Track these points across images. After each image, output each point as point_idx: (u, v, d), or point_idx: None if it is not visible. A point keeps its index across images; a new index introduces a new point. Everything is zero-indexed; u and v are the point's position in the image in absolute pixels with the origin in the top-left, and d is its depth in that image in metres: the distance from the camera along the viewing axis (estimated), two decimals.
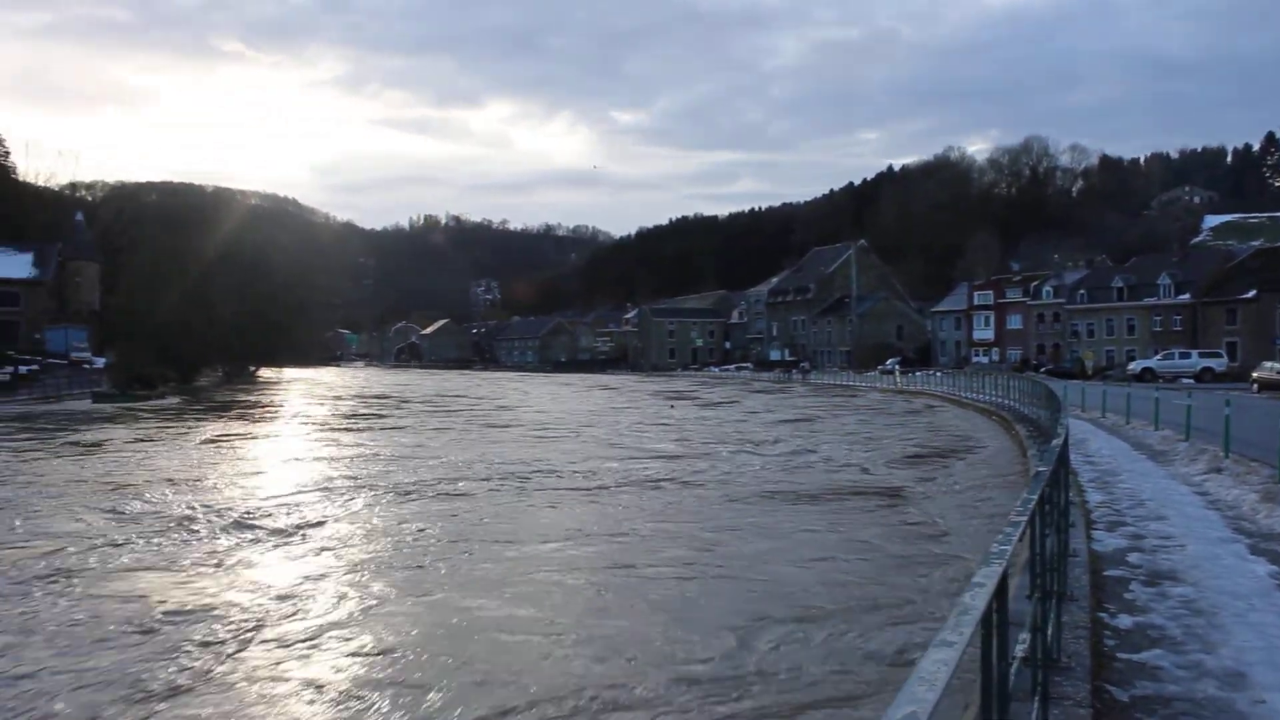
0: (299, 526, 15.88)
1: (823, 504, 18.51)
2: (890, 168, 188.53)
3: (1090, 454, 19.74)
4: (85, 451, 28.60)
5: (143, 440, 32.28)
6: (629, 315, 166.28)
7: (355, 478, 22.32)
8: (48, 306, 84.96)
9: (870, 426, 37.69)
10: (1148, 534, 11.02)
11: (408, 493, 19.92)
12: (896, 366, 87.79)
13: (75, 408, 52.94)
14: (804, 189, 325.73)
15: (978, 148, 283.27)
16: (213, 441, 31.99)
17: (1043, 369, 78.38)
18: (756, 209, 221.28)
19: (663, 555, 13.79)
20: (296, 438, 34.65)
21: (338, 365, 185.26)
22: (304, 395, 71.92)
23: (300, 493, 19.94)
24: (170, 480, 21.71)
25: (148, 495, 19.42)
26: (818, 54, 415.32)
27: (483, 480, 21.83)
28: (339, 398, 68.09)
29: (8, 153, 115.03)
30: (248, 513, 17.25)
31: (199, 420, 43.21)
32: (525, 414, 47.31)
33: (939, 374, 71.63)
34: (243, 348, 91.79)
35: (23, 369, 68.23)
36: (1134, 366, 67.86)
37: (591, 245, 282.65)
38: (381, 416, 46.63)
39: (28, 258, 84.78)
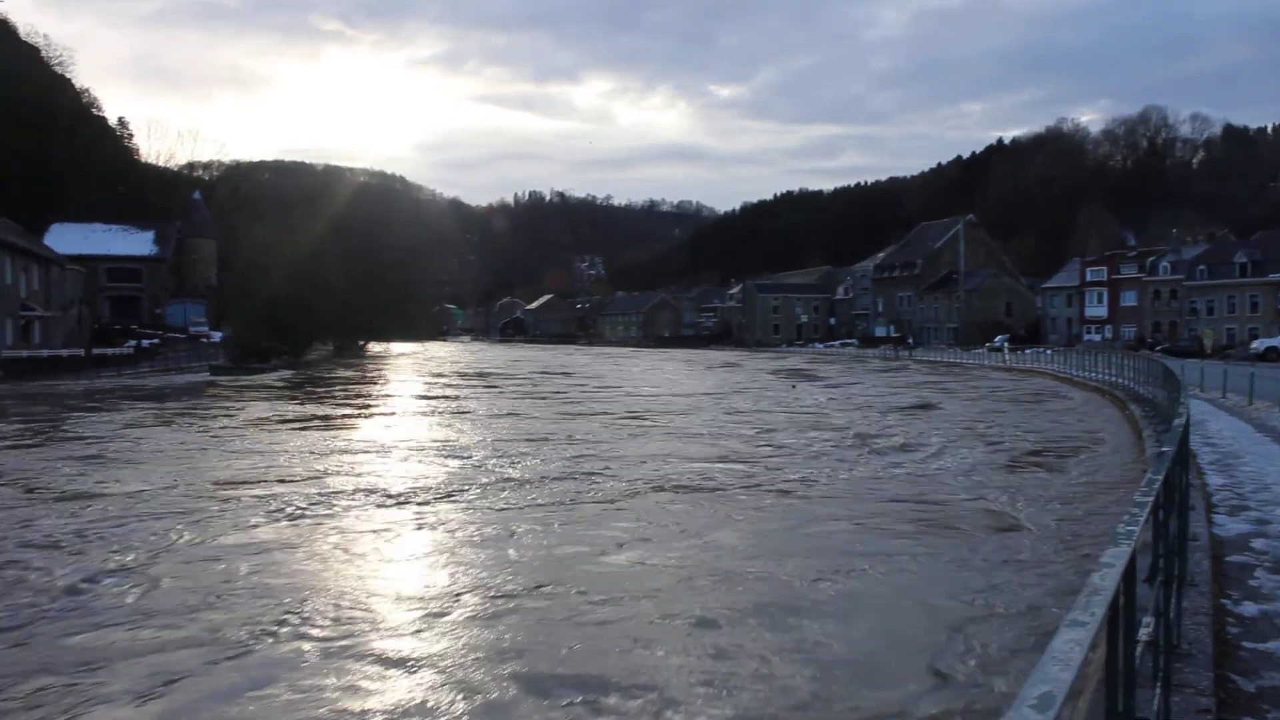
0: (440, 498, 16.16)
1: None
2: (1000, 140, 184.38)
3: (1210, 435, 19.09)
4: (234, 431, 29.43)
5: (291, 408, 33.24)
6: (733, 291, 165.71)
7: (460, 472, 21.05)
8: (168, 283, 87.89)
9: (1005, 415, 32.45)
10: (1274, 519, 10.60)
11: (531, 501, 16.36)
12: (1005, 344, 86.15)
13: (194, 380, 54.78)
14: (910, 163, 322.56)
15: (1089, 118, 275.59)
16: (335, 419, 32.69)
17: (1158, 347, 76.13)
18: (863, 183, 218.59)
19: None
20: (408, 415, 35.14)
21: (444, 340, 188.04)
22: (411, 370, 73.14)
23: (418, 480, 20.26)
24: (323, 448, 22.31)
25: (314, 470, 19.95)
26: (918, 23, 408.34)
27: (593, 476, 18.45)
28: (438, 374, 68.93)
29: (131, 135, 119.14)
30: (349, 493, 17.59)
31: (317, 395, 44.30)
32: (645, 400, 40.48)
33: (1049, 352, 70.11)
34: (352, 322, 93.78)
35: (145, 343, 70.74)
36: (1257, 345, 65.52)
37: (695, 220, 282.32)
38: (494, 392, 47.02)
39: (149, 236, 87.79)
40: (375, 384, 54.75)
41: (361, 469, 19.63)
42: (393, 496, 16.23)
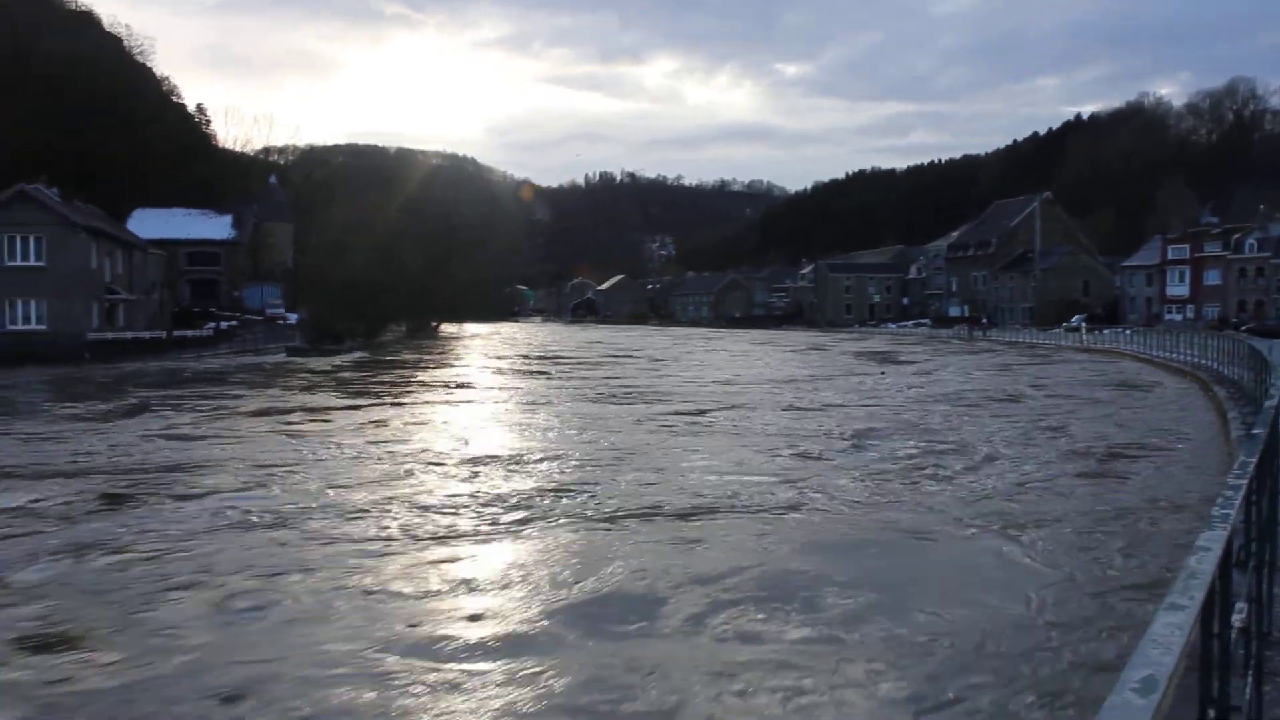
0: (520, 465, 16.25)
1: None
2: (1078, 116, 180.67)
3: None
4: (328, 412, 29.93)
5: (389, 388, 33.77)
6: (804, 270, 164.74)
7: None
8: (245, 265, 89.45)
9: (1113, 407, 28.75)
10: None
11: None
12: (1082, 324, 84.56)
13: (271, 360, 55.84)
14: (982, 140, 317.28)
15: (1167, 92, 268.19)
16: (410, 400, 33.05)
17: (1244, 327, 74.16)
18: (936, 161, 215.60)
19: None
20: (482, 403, 35.34)
21: (516, 320, 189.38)
22: (482, 352, 73.71)
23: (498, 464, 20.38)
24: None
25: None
26: None
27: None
28: (506, 356, 69.35)
29: (209, 121, 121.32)
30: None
31: (392, 375, 44.88)
32: (729, 389, 35.36)
33: (1128, 332, 68.70)
34: (425, 303, 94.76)
35: (223, 325, 72.16)
36: None
37: (766, 200, 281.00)
38: (564, 378, 47.11)
39: (227, 220, 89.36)
40: (447, 367, 55.20)
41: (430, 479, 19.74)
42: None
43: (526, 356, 61.99)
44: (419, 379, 42.69)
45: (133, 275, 67.08)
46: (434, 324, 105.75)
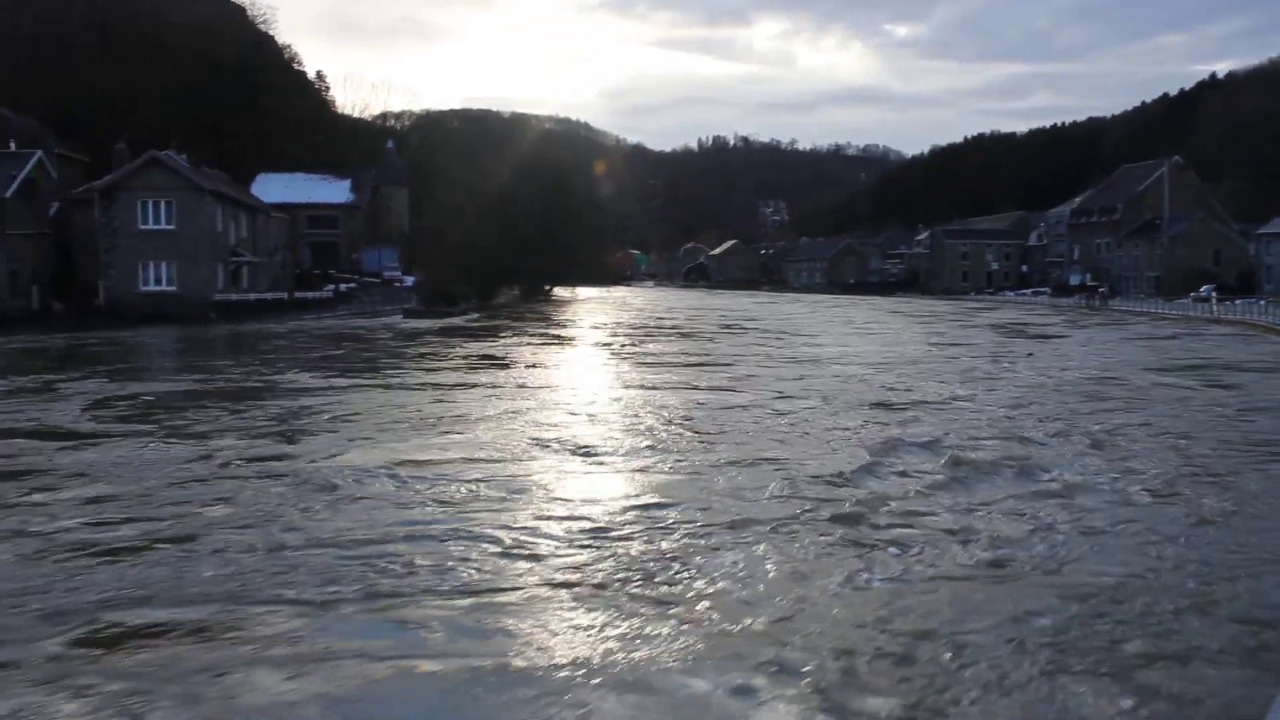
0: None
1: None
2: (1213, 75, 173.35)
3: None
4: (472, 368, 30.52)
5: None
6: (920, 237, 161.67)
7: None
8: (363, 229, 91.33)
9: None
10: None
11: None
12: (1213, 294, 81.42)
13: (389, 322, 56.99)
14: (1108, 101, 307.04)
15: None
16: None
17: None
18: (1059, 124, 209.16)
19: None
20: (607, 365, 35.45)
21: (628, 285, 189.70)
22: (594, 314, 73.92)
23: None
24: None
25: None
26: None
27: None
28: (615, 323, 69.37)
29: (328, 88, 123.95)
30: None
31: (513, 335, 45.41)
32: (866, 372, 27.59)
33: (1262, 302, 65.96)
34: (538, 267, 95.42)
35: (342, 287, 73.83)
36: None
37: (882, 164, 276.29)
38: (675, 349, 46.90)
39: (346, 184, 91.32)
40: (563, 328, 55.55)
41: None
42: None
43: (629, 326, 61.58)
44: (539, 339, 43.07)
45: (256, 238, 68.97)
46: (546, 287, 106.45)
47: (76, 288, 58.88)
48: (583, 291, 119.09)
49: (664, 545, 9.86)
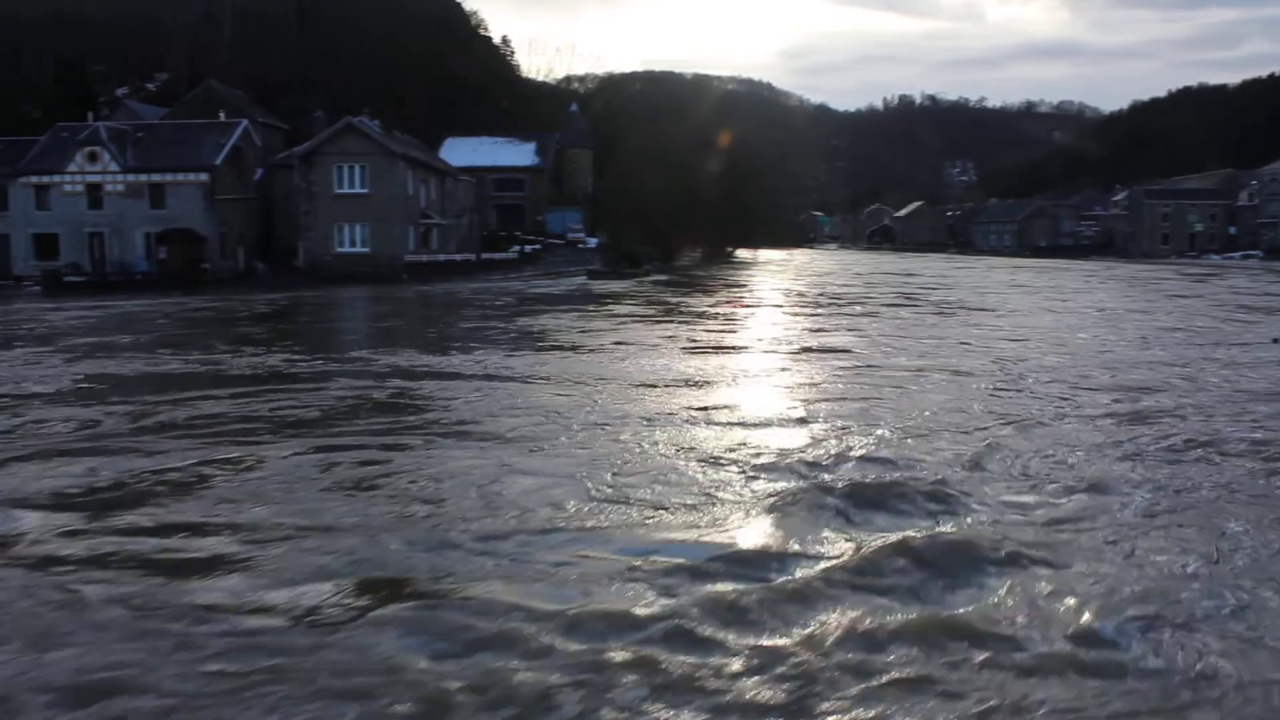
0: None
1: None
2: None
3: None
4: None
5: None
6: (1117, 197, 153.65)
7: None
8: (548, 191, 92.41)
9: None
10: None
11: None
12: None
13: (574, 282, 57.48)
14: None
15: None
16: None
17: None
18: (1277, 74, 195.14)
19: None
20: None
21: (810, 247, 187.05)
22: (780, 276, 73.03)
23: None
24: None
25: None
26: None
27: None
28: (790, 293, 68.21)
29: (513, 52, 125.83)
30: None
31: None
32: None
33: None
34: (721, 229, 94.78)
35: (527, 248, 74.93)
36: None
37: (1077, 122, 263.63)
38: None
39: (531, 147, 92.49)
40: (750, 290, 54.98)
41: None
42: None
43: (821, 294, 60.40)
44: (730, 301, 42.74)
45: (445, 201, 70.48)
46: (728, 249, 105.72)
47: (276, 249, 61.50)
48: (764, 254, 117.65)
49: None
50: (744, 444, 11.66)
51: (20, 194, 58.44)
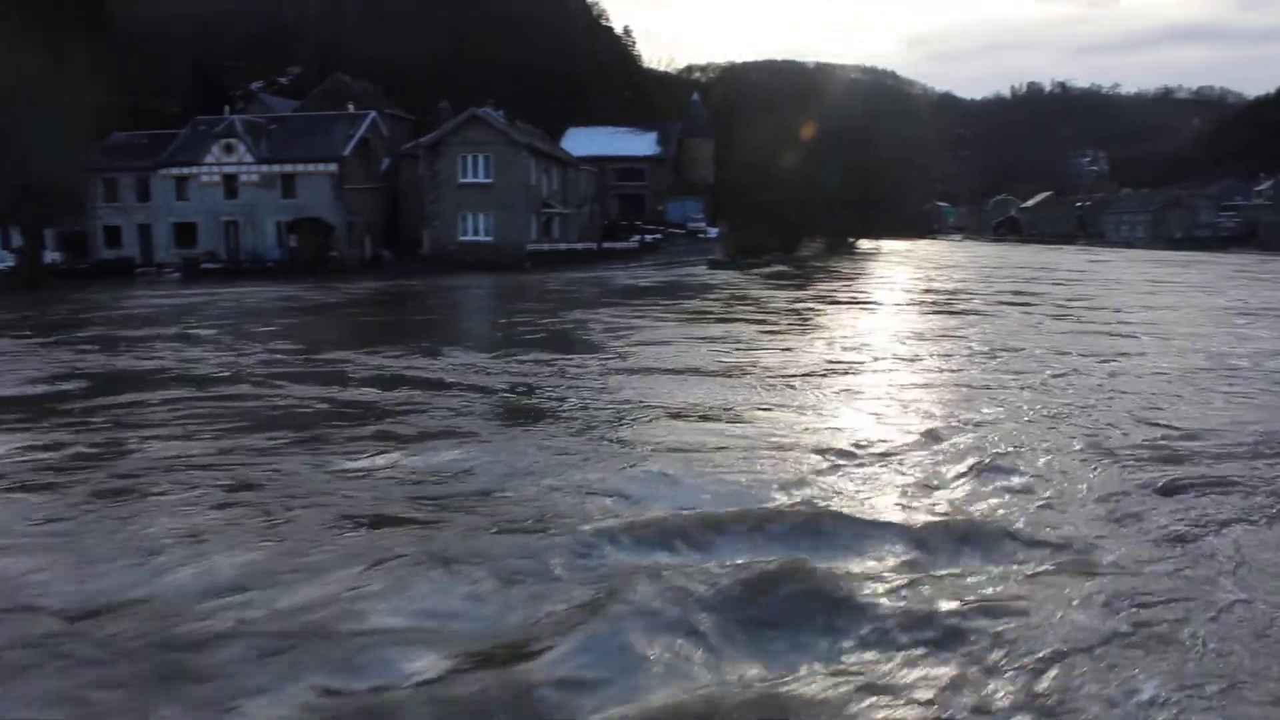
0: None
1: None
2: None
3: None
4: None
5: None
6: (1261, 187, 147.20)
7: None
8: (668, 181, 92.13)
9: None
10: None
11: None
12: None
13: (696, 272, 57.16)
14: None
15: None
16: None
17: None
18: None
19: None
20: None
21: (934, 238, 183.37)
22: (905, 270, 71.63)
23: None
24: None
25: None
26: None
27: None
28: (911, 292, 66.63)
29: (634, 43, 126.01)
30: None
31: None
32: None
33: None
34: (842, 220, 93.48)
35: (647, 238, 74.76)
36: None
37: (1218, 108, 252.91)
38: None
39: (652, 137, 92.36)
40: (878, 284, 54.01)
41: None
42: None
43: (913, 297, 58.83)
44: (861, 294, 41.95)
45: (566, 190, 70.81)
46: (850, 240, 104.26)
47: (402, 238, 62.60)
48: (886, 245, 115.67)
49: None
50: None
51: (162, 185, 60.73)
